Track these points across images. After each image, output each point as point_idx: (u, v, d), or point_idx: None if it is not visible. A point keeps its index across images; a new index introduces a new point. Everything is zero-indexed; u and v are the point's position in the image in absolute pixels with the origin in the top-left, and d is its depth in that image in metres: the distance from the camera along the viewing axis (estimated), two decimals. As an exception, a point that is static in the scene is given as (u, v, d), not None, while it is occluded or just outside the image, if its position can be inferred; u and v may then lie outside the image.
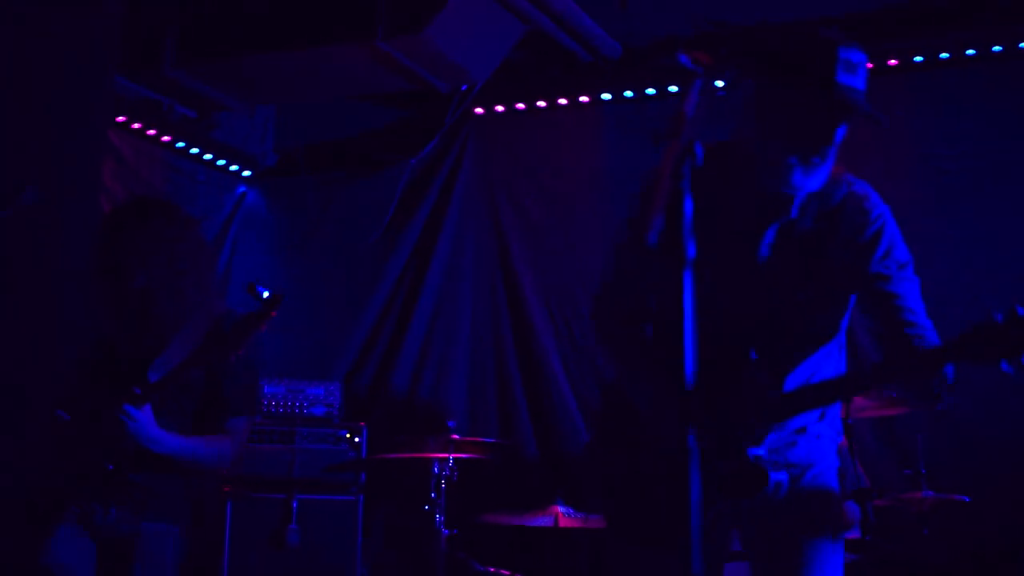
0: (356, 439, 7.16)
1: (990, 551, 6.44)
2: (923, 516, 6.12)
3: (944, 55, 7.29)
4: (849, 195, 3.36)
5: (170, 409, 4.08)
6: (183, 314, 4.21)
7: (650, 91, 8.02)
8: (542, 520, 6.60)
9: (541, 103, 8.37)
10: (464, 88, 8.16)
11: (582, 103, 8.26)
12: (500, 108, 8.49)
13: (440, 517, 6.63)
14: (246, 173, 8.80)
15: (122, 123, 7.80)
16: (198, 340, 4.02)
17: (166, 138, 8.13)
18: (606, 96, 8.15)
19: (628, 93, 8.09)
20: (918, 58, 7.35)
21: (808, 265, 3.33)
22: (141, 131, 7.97)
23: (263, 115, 8.72)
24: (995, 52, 7.19)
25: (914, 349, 3.29)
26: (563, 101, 8.30)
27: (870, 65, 3.30)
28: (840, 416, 3.63)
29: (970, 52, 7.24)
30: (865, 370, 3.29)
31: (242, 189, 8.85)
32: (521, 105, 8.43)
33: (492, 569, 6.81)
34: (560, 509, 6.53)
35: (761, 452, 3.22)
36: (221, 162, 8.59)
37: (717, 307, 3.22)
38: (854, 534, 6.23)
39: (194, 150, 8.37)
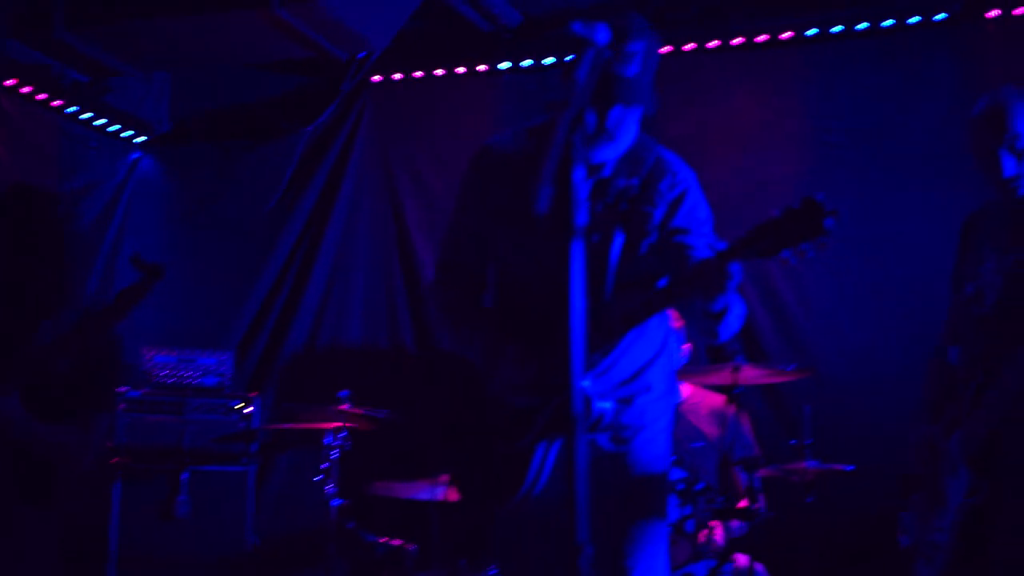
0: (248, 409, 7.11)
1: (872, 519, 6.57)
2: (808, 485, 6.22)
3: (836, 28, 7.38)
4: (658, 159, 3.62)
5: (32, 397, 4.00)
6: (51, 304, 4.15)
7: (549, 60, 8.02)
8: (434, 490, 6.60)
9: (439, 72, 8.34)
10: (362, 56, 8.11)
11: (480, 72, 8.24)
12: (398, 76, 8.45)
13: (331, 487, 6.61)
14: (140, 139, 8.66)
15: (11, 87, 7.64)
16: (67, 329, 3.98)
17: (57, 103, 7.97)
18: (505, 65, 8.14)
19: (527, 62, 8.09)
20: (811, 31, 7.44)
21: (620, 217, 3.55)
22: (31, 95, 7.80)
23: (159, 80, 8.57)
24: (884, 27, 7.29)
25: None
26: (461, 70, 8.27)
27: (667, 49, 3.49)
28: (675, 373, 3.75)
29: (861, 26, 7.33)
30: (671, 282, 3.46)
31: (135, 155, 8.71)
32: (419, 73, 8.39)
33: (383, 540, 6.81)
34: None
35: (587, 386, 3.31)
36: (114, 128, 8.43)
37: (537, 261, 3.56)
38: (741, 502, 6.33)
39: (86, 115, 8.21)
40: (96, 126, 8.33)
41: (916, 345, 6.73)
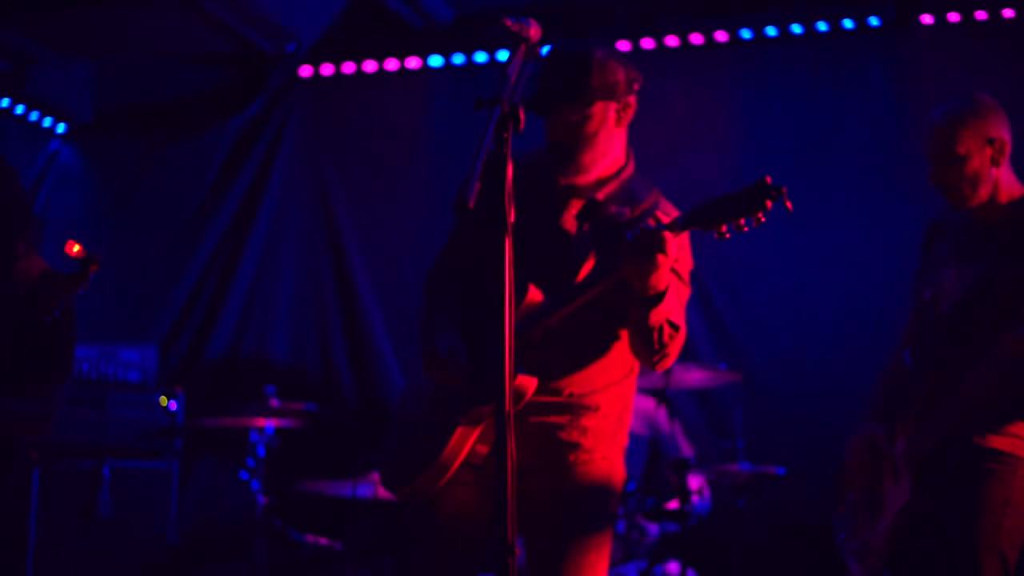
0: (172, 405, 6.97)
1: (802, 522, 6.58)
2: (739, 488, 6.22)
3: (771, 32, 7.39)
4: (657, 201, 3.62)
5: None
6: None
7: (480, 57, 7.96)
8: (362, 488, 6.54)
9: (370, 67, 8.24)
10: (291, 49, 8.00)
11: (411, 68, 8.16)
12: (327, 71, 8.33)
13: (257, 484, 6.53)
14: (60, 129, 8.48)
15: (-72, 73, 7.49)
16: (16, 297, 3.89)
17: (-27, 89, 7.81)
18: (436, 61, 8.07)
19: (459, 58, 8.02)
20: (746, 34, 7.44)
21: (602, 239, 3.54)
22: (-52, 82, 7.65)
23: (81, 70, 8.41)
24: (819, 31, 7.32)
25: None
26: (392, 65, 8.19)
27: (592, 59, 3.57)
28: (632, 400, 3.71)
29: (796, 30, 7.35)
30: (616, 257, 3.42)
31: (55, 146, 8.54)
32: (349, 68, 8.29)
33: (309, 538, 6.74)
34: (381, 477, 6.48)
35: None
36: (33, 116, 8.26)
37: (476, 256, 3.63)
38: (672, 504, 6.31)
39: (4, 103, 8.03)
40: (15, 115, 8.16)
41: (845, 348, 6.80)
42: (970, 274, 3.98)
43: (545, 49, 3.13)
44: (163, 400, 6.90)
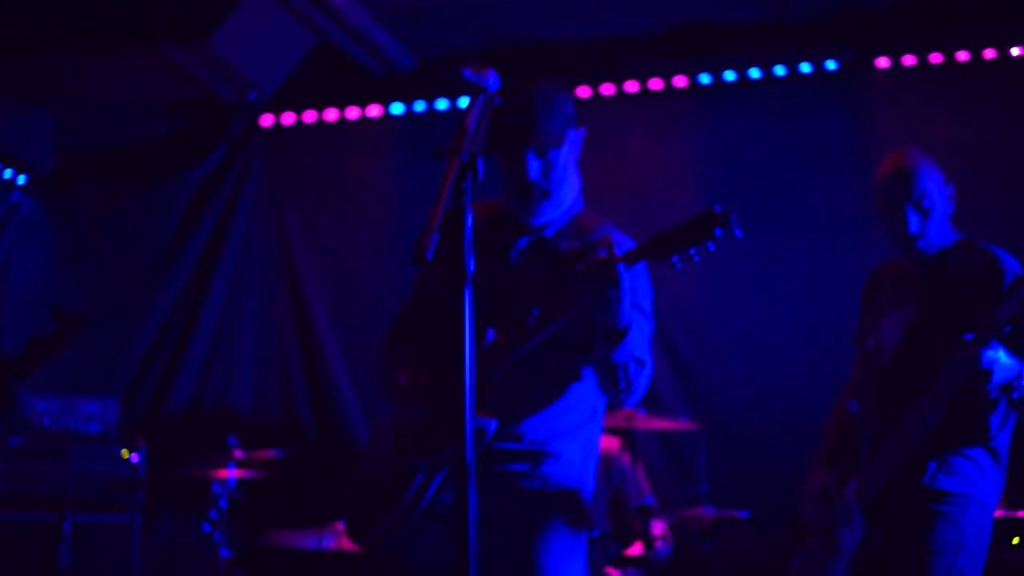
0: (133, 457, 6.92)
1: (767, 566, 6.57)
2: (704, 532, 6.21)
3: (730, 77, 7.44)
4: (609, 233, 3.57)
5: None
6: None
7: (442, 104, 7.98)
8: (326, 539, 6.49)
9: (331, 115, 8.25)
10: (252, 98, 8.00)
11: (372, 116, 8.17)
12: (288, 120, 8.34)
13: (220, 537, 6.48)
14: (21, 180, 8.44)
15: None
16: None
17: (-67, 142, 7.76)
18: (398, 109, 8.08)
19: (420, 106, 8.04)
20: (705, 79, 7.49)
21: (553, 277, 3.49)
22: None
23: (40, 119, 8.36)
24: (777, 75, 7.38)
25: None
26: (353, 114, 8.20)
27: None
28: (596, 445, 3.68)
29: (754, 74, 7.40)
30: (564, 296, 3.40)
31: (16, 197, 8.49)
32: (311, 117, 8.29)
33: (273, 590, 6.69)
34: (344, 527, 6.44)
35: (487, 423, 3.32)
36: (-8, 168, 8.23)
37: (437, 306, 3.64)
38: (636, 550, 6.29)
39: (-40, 155, 8.01)
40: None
41: (807, 392, 6.78)
42: (908, 317, 4.02)
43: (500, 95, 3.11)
44: (125, 452, 6.84)
